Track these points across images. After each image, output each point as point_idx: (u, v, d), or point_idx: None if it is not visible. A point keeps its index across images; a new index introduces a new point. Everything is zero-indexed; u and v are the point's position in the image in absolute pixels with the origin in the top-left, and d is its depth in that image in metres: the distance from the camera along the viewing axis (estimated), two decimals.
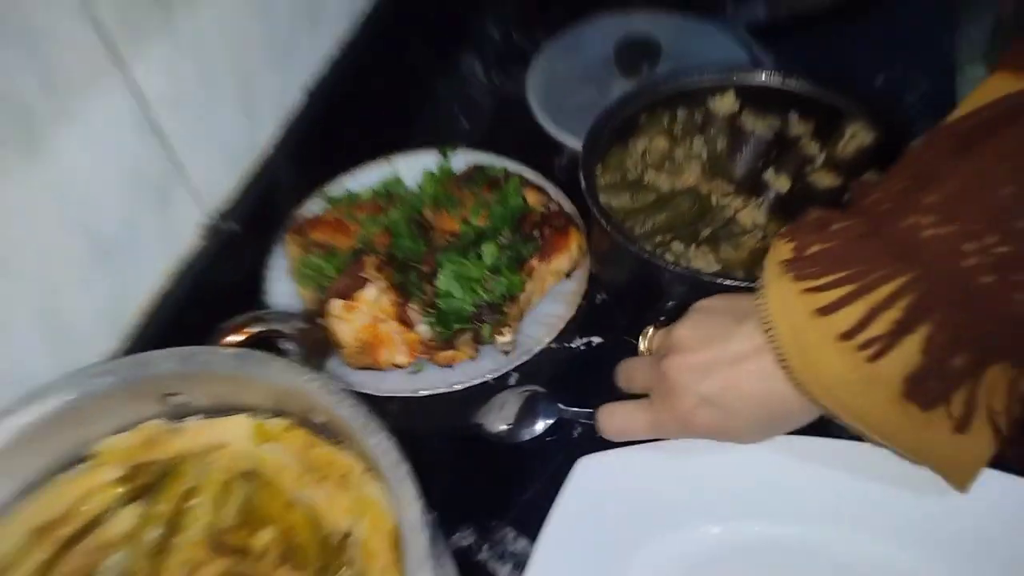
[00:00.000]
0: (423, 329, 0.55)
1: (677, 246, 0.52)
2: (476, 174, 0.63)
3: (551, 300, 0.58)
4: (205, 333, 0.47)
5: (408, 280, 0.56)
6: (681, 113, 0.61)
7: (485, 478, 0.52)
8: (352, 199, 0.65)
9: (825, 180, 0.54)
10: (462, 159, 0.67)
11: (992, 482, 0.41)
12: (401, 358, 0.55)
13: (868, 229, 0.36)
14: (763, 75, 0.60)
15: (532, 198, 0.61)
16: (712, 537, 0.45)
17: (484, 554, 0.48)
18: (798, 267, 0.37)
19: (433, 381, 0.54)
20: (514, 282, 0.56)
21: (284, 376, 0.40)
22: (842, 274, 0.35)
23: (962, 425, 0.35)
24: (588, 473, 0.45)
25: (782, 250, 0.38)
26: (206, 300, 0.57)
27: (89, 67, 0.46)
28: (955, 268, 0.33)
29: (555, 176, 0.66)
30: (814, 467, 0.44)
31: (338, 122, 0.71)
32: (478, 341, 0.55)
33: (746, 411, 0.40)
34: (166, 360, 0.41)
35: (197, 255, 0.58)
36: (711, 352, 0.40)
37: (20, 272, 0.44)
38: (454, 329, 0.55)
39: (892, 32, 0.83)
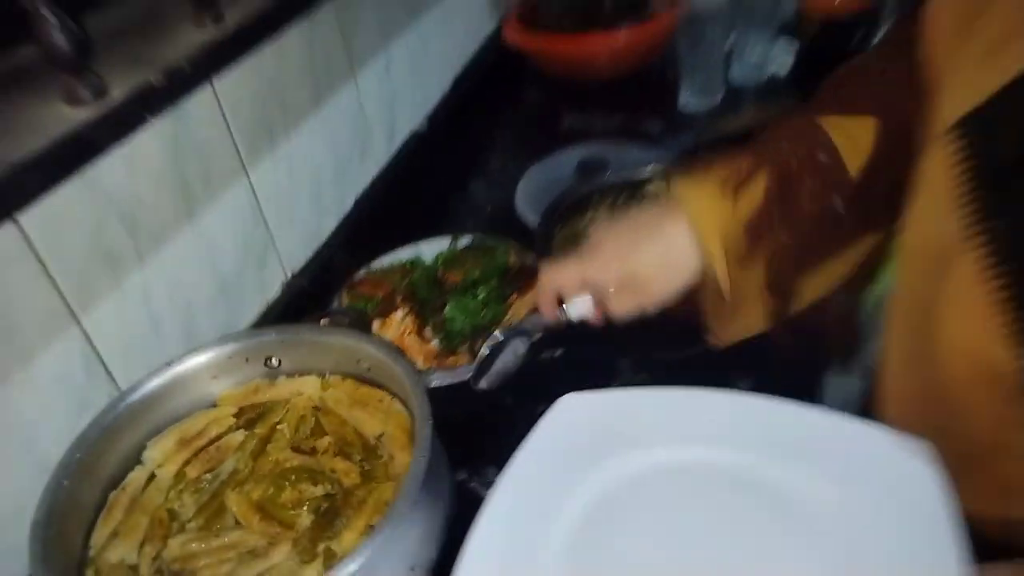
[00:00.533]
0: (435, 344, 0.77)
1: None
2: (475, 243, 0.88)
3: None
4: None
5: (425, 310, 0.79)
6: (624, 195, 0.87)
7: (476, 439, 0.72)
8: (386, 269, 0.90)
9: None
10: (467, 241, 0.93)
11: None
12: (419, 364, 0.77)
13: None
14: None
15: (512, 259, 0.86)
16: (659, 461, 0.52)
17: (474, 483, 0.67)
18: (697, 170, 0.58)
19: (443, 379, 0.75)
20: (498, 311, 0.79)
21: (344, 336, 0.63)
22: (725, 163, 0.58)
23: (769, 287, 0.56)
24: (566, 407, 0.57)
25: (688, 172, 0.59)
26: None
27: (228, 169, 0.75)
28: (782, 159, 0.56)
29: (533, 251, 0.91)
30: (753, 410, 0.54)
31: (377, 221, 0.99)
32: (473, 351, 0.77)
33: (646, 245, 0.57)
34: (269, 332, 0.64)
35: (279, 301, 0.83)
36: (628, 219, 0.60)
37: (174, 295, 0.70)
38: (457, 343, 0.77)
39: None
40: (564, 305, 0.62)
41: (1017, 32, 0.39)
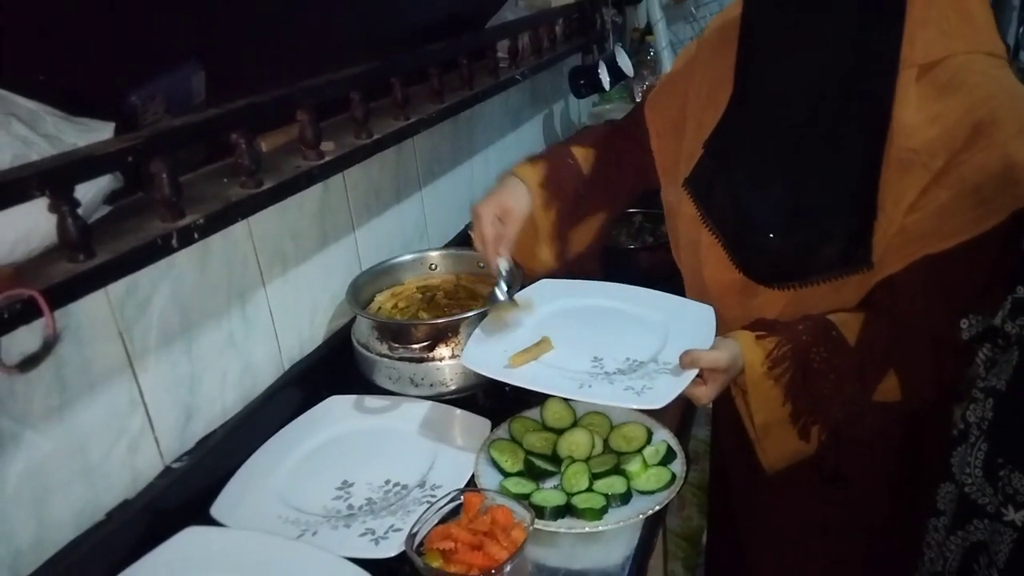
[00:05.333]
0: None
1: None
2: None
3: None
4: None
5: None
6: None
7: None
8: None
9: None
10: None
11: None
12: None
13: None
14: None
15: None
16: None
17: None
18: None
19: None
20: None
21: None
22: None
23: (554, 231, 1.04)
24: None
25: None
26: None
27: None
28: (555, 158, 1.05)
29: None
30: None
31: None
32: None
33: (503, 192, 0.99)
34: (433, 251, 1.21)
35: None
36: (490, 189, 1.02)
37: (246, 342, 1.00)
38: None
39: None
40: (498, 262, 0.99)
41: (695, 150, 0.97)
